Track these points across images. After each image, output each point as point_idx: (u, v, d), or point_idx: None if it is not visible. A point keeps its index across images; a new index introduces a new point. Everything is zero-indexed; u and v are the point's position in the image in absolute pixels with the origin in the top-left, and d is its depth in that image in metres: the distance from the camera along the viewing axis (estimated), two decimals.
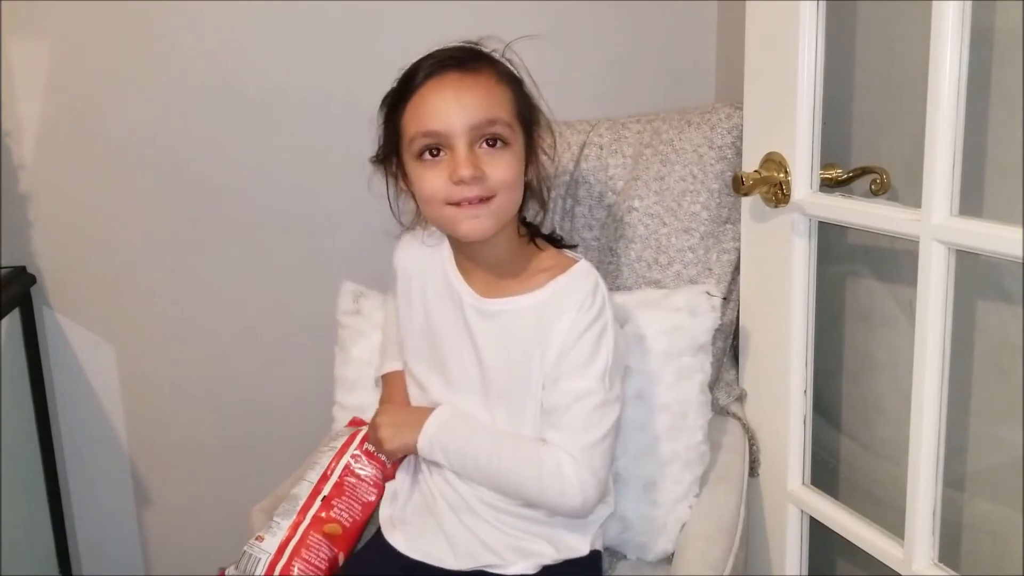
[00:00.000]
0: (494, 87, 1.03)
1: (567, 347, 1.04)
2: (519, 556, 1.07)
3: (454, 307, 1.11)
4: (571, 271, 1.08)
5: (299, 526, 1.12)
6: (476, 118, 1.00)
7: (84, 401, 1.77)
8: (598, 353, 1.04)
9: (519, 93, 1.06)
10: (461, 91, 1.00)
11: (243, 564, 1.12)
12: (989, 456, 1.09)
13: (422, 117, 1.01)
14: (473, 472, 1.07)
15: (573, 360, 1.04)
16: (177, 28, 1.61)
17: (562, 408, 1.03)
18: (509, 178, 1.02)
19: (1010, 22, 0.99)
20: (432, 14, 1.60)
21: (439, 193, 1.02)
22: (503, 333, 1.08)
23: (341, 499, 1.15)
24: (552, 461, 1.02)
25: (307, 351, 1.70)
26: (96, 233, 1.70)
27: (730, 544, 1.13)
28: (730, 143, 1.29)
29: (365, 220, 1.58)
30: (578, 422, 1.03)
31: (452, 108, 1.00)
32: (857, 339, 1.29)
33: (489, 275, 1.10)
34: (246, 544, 1.14)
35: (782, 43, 1.13)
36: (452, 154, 1.00)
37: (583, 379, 1.03)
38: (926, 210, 0.98)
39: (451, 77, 1.01)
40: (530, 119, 1.08)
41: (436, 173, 1.01)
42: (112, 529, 1.85)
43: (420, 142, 1.02)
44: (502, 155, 1.02)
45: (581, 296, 1.05)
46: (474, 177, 0.99)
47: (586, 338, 1.04)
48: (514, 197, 1.05)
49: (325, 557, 1.12)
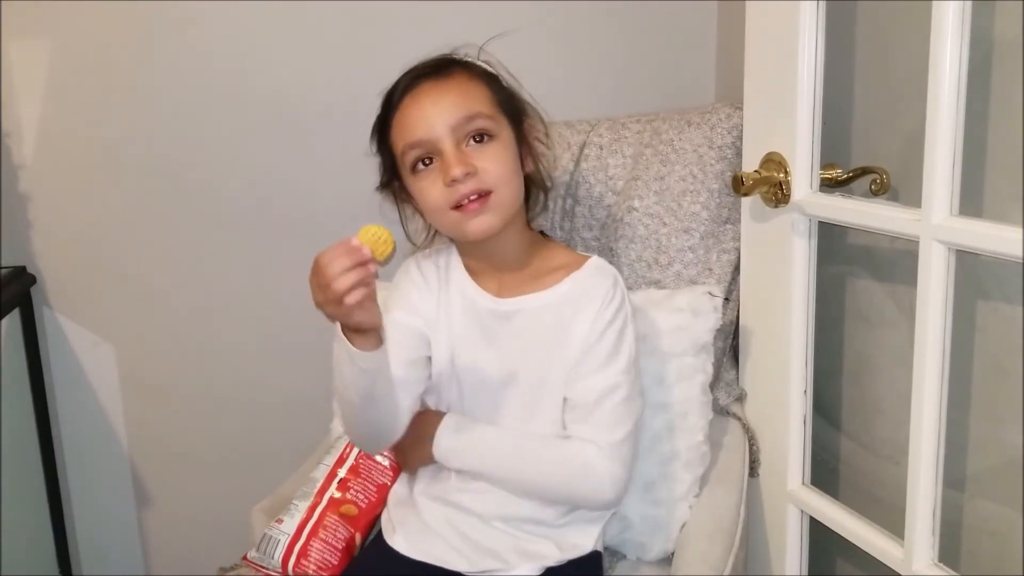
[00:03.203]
0: (467, 84, 1.05)
1: (591, 343, 1.05)
2: (523, 558, 1.07)
3: (467, 310, 1.11)
4: (587, 267, 1.10)
5: (316, 508, 1.17)
6: (455, 117, 1.02)
7: (84, 401, 1.77)
8: (622, 347, 1.06)
9: (496, 86, 1.08)
10: (437, 96, 1.03)
11: (263, 546, 1.16)
12: (989, 456, 1.09)
13: (405, 129, 1.04)
14: (494, 472, 1.07)
15: (598, 355, 1.05)
16: (177, 29, 1.61)
17: (590, 404, 1.05)
18: (502, 170, 1.03)
19: (1010, 22, 0.99)
20: (432, 17, 1.59)
21: (440, 200, 1.03)
22: (521, 331, 1.08)
23: (357, 481, 1.19)
24: (581, 457, 1.04)
25: (307, 351, 1.70)
26: (96, 233, 1.70)
27: (730, 544, 1.13)
28: (730, 143, 1.29)
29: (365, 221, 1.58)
30: (607, 417, 1.04)
31: (431, 113, 1.02)
32: (857, 339, 1.29)
33: (502, 275, 1.11)
34: (266, 527, 1.18)
35: (782, 43, 1.13)
36: (442, 158, 1.02)
37: (609, 374, 1.05)
38: (926, 210, 0.98)
39: (425, 86, 1.04)
40: (514, 109, 1.09)
41: (432, 181, 1.03)
42: (112, 529, 1.85)
43: (410, 155, 1.04)
44: (490, 147, 1.03)
45: (603, 291, 1.07)
46: (466, 174, 1.01)
47: (610, 333, 1.06)
48: (513, 189, 1.05)
49: (342, 537, 1.16)
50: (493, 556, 1.07)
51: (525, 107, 1.12)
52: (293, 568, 1.13)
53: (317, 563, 1.13)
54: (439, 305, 1.12)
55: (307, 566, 1.13)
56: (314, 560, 1.13)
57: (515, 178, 1.06)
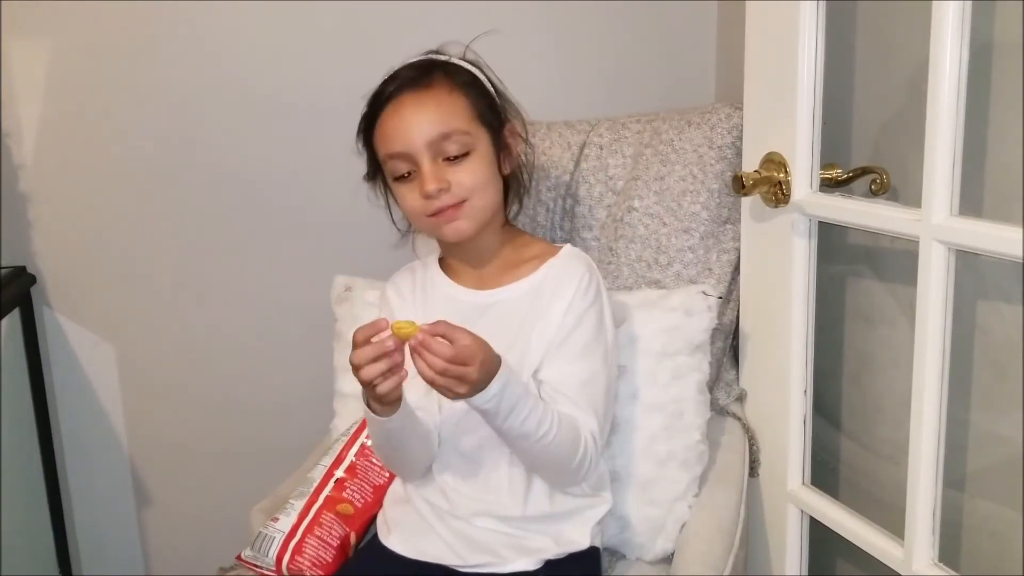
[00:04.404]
0: (446, 99, 1.08)
1: (569, 326, 1.08)
2: (519, 554, 1.08)
3: (448, 307, 1.12)
4: (561, 254, 1.14)
5: (312, 506, 1.17)
6: (431, 134, 1.06)
7: (84, 401, 1.77)
8: (601, 332, 1.10)
9: (475, 96, 1.11)
10: (416, 110, 1.07)
11: (258, 544, 1.16)
12: (989, 456, 1.09)
13: (387, 139, 1.08)
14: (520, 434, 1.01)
15: (579, 340, 1.08)
16: (177, 28, 1.62)
17: (574, 388, 1.07)
18: (476, 181, 1.08)
19: (1010, 22, 0.99)
20: (431, 15, 1.60)
21: (417, 208, 1.08)
22: (500, 321, 1.10)
23: (354, 481, 1.20)
24: (583, 430, 1.06)
25: (307, 351, 1.70)
26: (96, 233, 1.70)
27: (730, 544, 1.13)
28: (730, 143, 1.29)
29: (365, 221, 1.58)
30: (591, 402, 1.07)
31: (410, 128, 1.06)
32: (857, 339, 1.29)
33: (480, 270, 1.15)
34: (261, 526, 1.18)
35: (782, 43, 1.13)
36: (419, 171, 1.07)
37: (590, 360, 1.08)
38: (926, 210, 0.98)
39: (406, 99, 1.08)
40: (493, 117, 1.12)
41: (410, 190, 1.08)
42: (112, 529, 1.85)
43: (390, 165, 1.09)
44: (465, 163, 1.08)
45: (577, 277, 1.10)
46: (440, 190, 1.06)
47: (588, 321, 1.09)
48: (488, 196, 1.10)
49: (337, 535, 1.16)
50: (488, 552, 1.08)
51: (506, 110, 1.15)
52: (287, 565, 1.13)
53: (312, 560, 1.13)
54: (419, 309, 1.15)
55: (302, 563, 1.13)
56: (309, 557, 1.13)
57: (490, 186, 1.10)
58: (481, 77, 1.14)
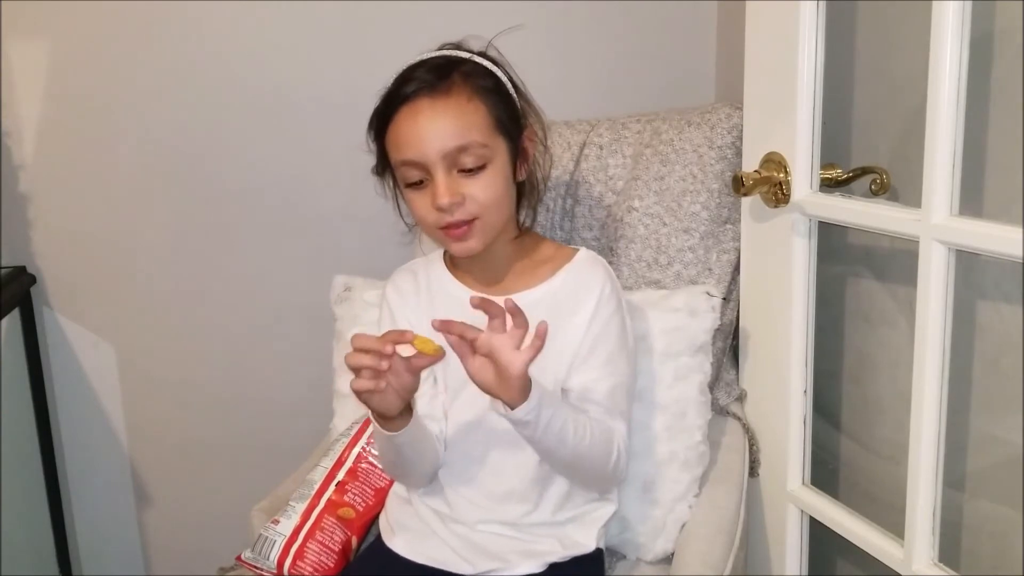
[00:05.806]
0: (465, 107, 1.03)
1: (595, 337, 1.07)
2: (524, 557, 1.07)
3: (452, 309, 1.10)
4: (577, 260, 1.12)
5: (313, 509, 1.17)
6: (448, 146, 1.01)
7: (84, 401, 1.77)
8: (624, 337, 1.10)
9: (495, 103, 1.06)
10: (432, 119, 1.02)
11: (258, 546, 1.16)
12: (989, 456, 1.09)
13: (399, 147, 1.04)
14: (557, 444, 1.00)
15: (605, 348, 1.07)
16: (177, 28, 1.62)
17: (602, 394, 1.06)
18: (491, 197, 1.04)
19: (1010, 22, 0.99)
20: (432, 14, 1.60)
21: (427, 218, 1.05)
22: None
23: (355, 484, 1.19)
24: (615, 435, 1.06)
25: (307, 351, 1.70)
26: (96, 233, 1.70)
27: (730, 544, 1.13)
28: (730, 143, 1.29)
29: (366, 221, 1.58)
30: (618, 405, 1.08)
31: (425, 138, 1.01)
32: (857, 339, 1.29)
33: (490, 275, 1.12)
34: (262, 527, 1.17)
35: (782, 43, 1.13)
36: (432, 181, 1.03)
37: (616, 365, 1.08)
38: (926, 210, 0.98)
39: (422, 104, 1.02)
40: (512, 125, 1.08)
41: (421, 198, 1.05)
42: (112, 529, 1.85)
43: (402, 171, 1.05)
44: (481, 176, 1.04)
45: (599, 285, 1.09)
46: (452, 203, 1.02)
47: (612, 328, 1.08)
48: (501, 211, 1.07)
49: (339, 540, 1.16)
50: (494, 557, 1.07)
51: (526, 113, 1.11)
52: (289, 570, 1.13)
53: (313, 565, 1.13)
54: (423, 311, 1.13)
55: (303, 568, 1.13)
56: (310, 562, 1.13)
57: (504, 199, 1.07)
58: (503, 79, 1.09)
